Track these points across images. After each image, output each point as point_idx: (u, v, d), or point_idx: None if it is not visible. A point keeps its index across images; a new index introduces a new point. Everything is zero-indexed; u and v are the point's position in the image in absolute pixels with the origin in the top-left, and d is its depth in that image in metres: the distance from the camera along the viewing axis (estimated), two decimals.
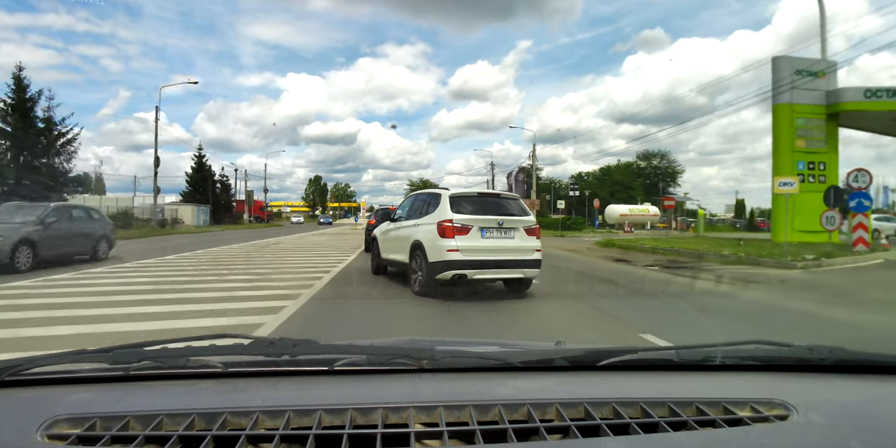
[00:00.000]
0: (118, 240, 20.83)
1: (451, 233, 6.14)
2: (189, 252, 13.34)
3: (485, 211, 6.47)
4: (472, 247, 6.15)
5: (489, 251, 6.28)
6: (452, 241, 6.11)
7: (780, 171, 16.90)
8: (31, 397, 0.86)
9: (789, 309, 6.37)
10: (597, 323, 5.34)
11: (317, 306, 5.91)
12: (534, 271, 6.61)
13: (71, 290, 6.88)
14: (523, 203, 7.11)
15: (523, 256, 6.46)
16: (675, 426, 0.75)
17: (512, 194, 7.56)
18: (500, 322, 5.39)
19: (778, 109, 18.01)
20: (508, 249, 6.40)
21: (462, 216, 6.27)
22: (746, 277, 9.40)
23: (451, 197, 6.52)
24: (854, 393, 0.94)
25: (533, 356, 1.02)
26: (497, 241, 6.35)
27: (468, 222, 6.23)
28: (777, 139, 18.10)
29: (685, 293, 7.78)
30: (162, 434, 0.72)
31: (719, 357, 1.01)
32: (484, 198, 6.88)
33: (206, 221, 41.92)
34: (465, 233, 6.18)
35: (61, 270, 9.00)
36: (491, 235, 6.33)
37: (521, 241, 6.47)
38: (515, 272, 6.50)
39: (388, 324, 5.10)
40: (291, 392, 0.89)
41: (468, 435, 0.73)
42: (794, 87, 17.04)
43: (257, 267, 10.36)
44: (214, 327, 4.58)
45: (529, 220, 6.68)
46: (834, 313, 6.03)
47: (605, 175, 63.95)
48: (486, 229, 6.30)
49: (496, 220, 6.35)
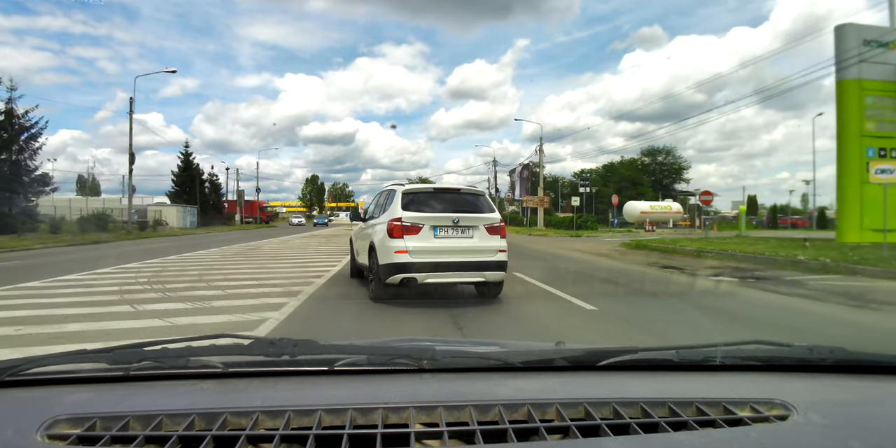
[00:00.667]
0: (60, 245, 18.17)
1: (400, 232, 5.67)
2: (135, 263, 10.65)
3: (439, 208, 5.98)
4: (422, 248, 5.66)
5: (443, 252, 5.74)
6: (401, 242, 5.64)
7: (847, 160, 14.52)
8: (31, 397, 0.87)
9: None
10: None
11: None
12: (497, 274, 5.98)
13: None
14: (489, 199, 6.47)
15: (483, 258, 5.86)
16: (676, 426, 0.75)
17: (475, 189, 6.71)
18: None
19: (843, 86, 15.34)
20: (466, 250, 5.83)
21: (412, 214, 5.76)
22: (866, 294, 6.95)
23: (403, 193, 6.04)
24: (854, 393, 0.94)
25: (533, 356, 1.01)
26: (452, 241, 5.81)
27: (419, 221, 5.73)
28: (843, 122, 15.43)
29: (822, 326, 5.26)
30: (162, 434, 0.72)
31: (719, 357, 1.01)
32: (441, 193, 6.33)
33: (193, 223, 39.45)
34: (416, 232, 5.70)
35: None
36: (445, 235, 5.80)
37: (482, 240, 5.90)
38: (474, 275, 5.91)
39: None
40: (291, 392, 0.89)
41: (468, 435, 0.73)
42: (863, 61, 14.43)
43: (208, 285, 7.67)
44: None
45: (492, 218, 6.04)
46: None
47: (608, 172, 61.44)
48: (439, 228, 5.78)
49: (451, 218, 5.81)
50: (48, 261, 12.19)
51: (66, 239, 20.33)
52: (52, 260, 12.37)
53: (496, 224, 6.01)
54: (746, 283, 8.37)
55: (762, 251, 12.40)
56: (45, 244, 17.59)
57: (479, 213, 5.99)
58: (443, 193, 6.32)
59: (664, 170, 59.35)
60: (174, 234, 28.27)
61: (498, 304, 6.12)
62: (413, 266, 5.58)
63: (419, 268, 5.59)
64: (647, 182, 55.32)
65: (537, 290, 7.36)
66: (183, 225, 37.75)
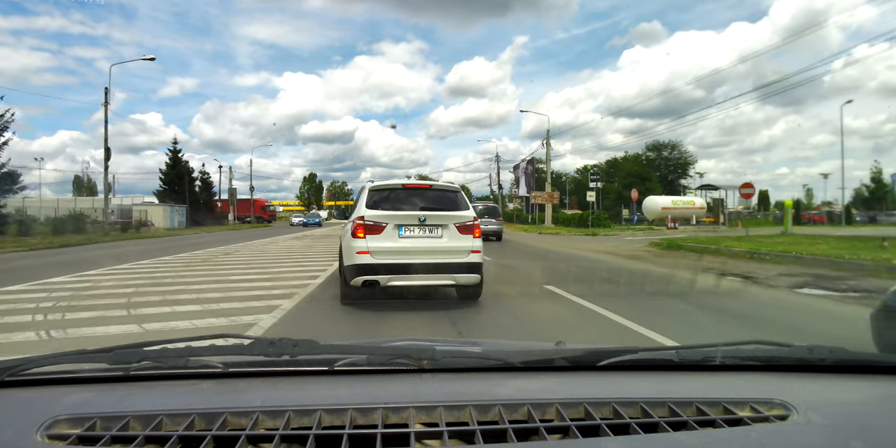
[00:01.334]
0: (17, 250, 16.33)
1: (363, 232, 5.33)
2: (63, 277, 8.49)
3: (404, 205, 5.60)
4: (385, 248, 5.31)
5: (408, 253, 5.34)
6: (363, 242, 5.30)
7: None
8: (31, 397, 0.86)
9: None
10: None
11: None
12: (470, 277, 5.50)
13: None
14: (464, 196, 5.99)
15: (453, 259, 5.41)
16: (675, 426, 0.75)
17: (450, 185, 6.22)
18: None
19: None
20: (433, 251, 5.39)
21: (375, 212, 5.43)
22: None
23: (371, 190, 5.69)
24: (854, 393, 0.93)
25: (533, 356, 1.01)
26: (418, 241, 5.40)
27: (382, 219, 5.37)
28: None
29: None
30: (162, 434, 0.72)
31: (719, 357, 1.00)
32: (409, 190, 5.90)
33: (181, 223, 37.16)
34: (379, 232, 5.34)
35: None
36: (411, 234, 5.41)
37: (452, 240, 5.46)
38: (443, 278, 5.46)
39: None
40: (291, 392, 0.89)
41: (468, 435, 0.73)
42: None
43: (129, 315, 5.49)
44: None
45: (464, 216, 5.58)
46: None
47: (611, 168, 59.24)
48: (404, 227, 5.40)
49: (416, 216, 5.42)
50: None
51: (32, 242, 18.42)
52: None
53: (468, 223, 5.58)
54: (859, 300, 6.27)
55: (834, 253, 10.31)
56: (3, 248, 15.55)
57: (450, 211, 5.59)
58: (410, 190, 5.90)
59: (670, 165, 56.89)
60: (158, 236, 26.04)
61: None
62: (375, 268, 5.26)
63: (382, 270, 5.27)
64: (656, 177, 53.01)
65: (590, 314, 5.28)
66: (170, 225, 35.22)
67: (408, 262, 5.25)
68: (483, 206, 20.29)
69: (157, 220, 33.99)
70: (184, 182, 40.23)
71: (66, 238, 20.94)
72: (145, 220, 32.94)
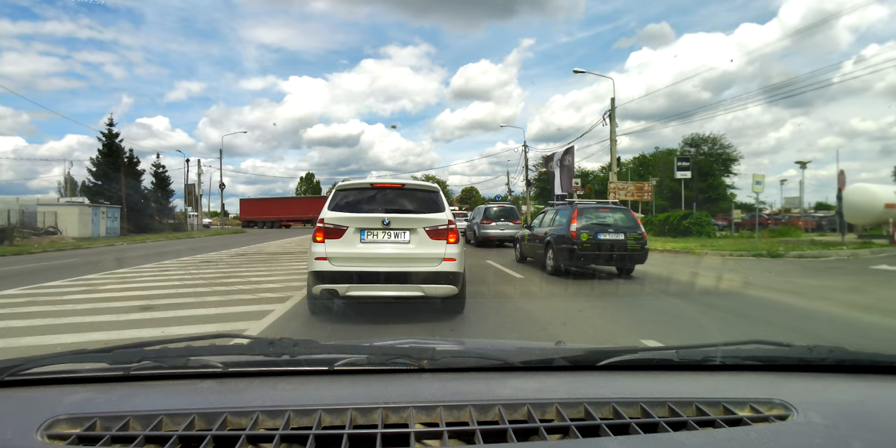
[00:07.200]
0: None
1: (322, 236, 4.86)
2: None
3: (370, 207, 5.02)
4: (344, 254, 4.78)
5: (369, 260, 4.78)
6: (321, 247, 4.81)
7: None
8: (31, 397, 0.85)
9: None
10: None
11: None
12: (441, 289, 4.81)
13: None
14: (441, 196, 5.27)
15: (421, 267, 4.77)
16: (675, 426, 0.75)
17: (426, 185, 5.45)
18: None
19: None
20: (399, 258, 4.80)
21: (336, 214, 4.91)
22: None
23: (336, 189, 5.25)
24: (854, 393, 0.92)
25: (533, 356, 1.00)
26: (381, 247, 4.84)
27: (342, 222, 4.85)
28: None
29: None
30: (162, 434, 0.71)
31: (719, 357, 1.00)
32: (378, 190, 5.22)
33: (113, 229, 28.21)
34: (339, 236, 4.83)
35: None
36: (373, 239, 4.85)
37: (420, 246, 4.85)
38: (409, 289, 4.75)
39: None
40: (291, 392, 0.88)
41: (468, 435, 0.72)
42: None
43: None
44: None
45: (435, 219, 4.92)
46: None
47: (640, 166, 52.39)
48: (366, 231, 4.85)
49: (379, 219, 4.83)
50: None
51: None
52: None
53: (441, 226, 4.89)
54: None
55: None
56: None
57: (419, 214, 4.96)
58: (382, 190, 5.21)
59: (711, 161, 47.63)
60: (58, 248, 17.68)
61: None
62: (333, 275, 4.73)
63: (340, 278, 4.72)
64: (718, 171, 45.07)
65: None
66: (92, 232, 26.15)
67: (368, 270, 4.72)
68: (498, 207, 18.28)
69: (69, 225, 24.84)
70: (120, 175, 31.11)
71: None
72: (50, 225, 24.07)
